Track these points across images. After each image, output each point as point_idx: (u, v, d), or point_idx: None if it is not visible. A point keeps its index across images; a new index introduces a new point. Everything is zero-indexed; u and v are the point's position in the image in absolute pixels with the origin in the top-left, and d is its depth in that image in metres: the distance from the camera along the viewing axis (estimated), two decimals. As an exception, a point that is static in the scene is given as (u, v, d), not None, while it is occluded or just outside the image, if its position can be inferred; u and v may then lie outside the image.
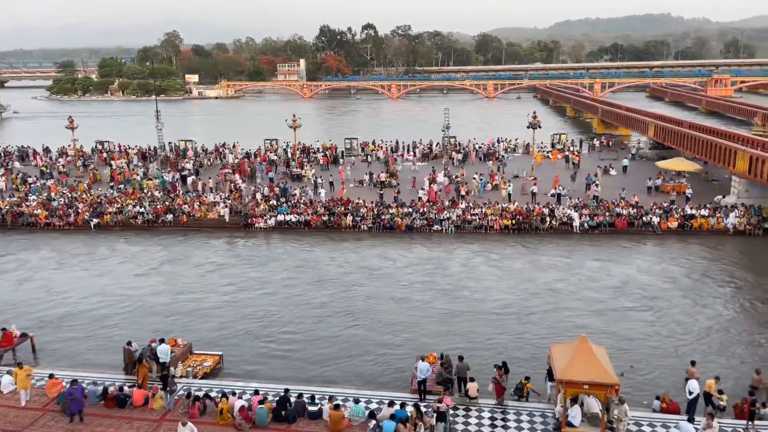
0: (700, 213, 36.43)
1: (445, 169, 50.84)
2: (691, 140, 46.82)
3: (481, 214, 37.68)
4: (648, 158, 55.99)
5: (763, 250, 32.86)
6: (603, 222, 36.22)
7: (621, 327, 23.29)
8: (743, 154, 37.84)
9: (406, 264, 31.14)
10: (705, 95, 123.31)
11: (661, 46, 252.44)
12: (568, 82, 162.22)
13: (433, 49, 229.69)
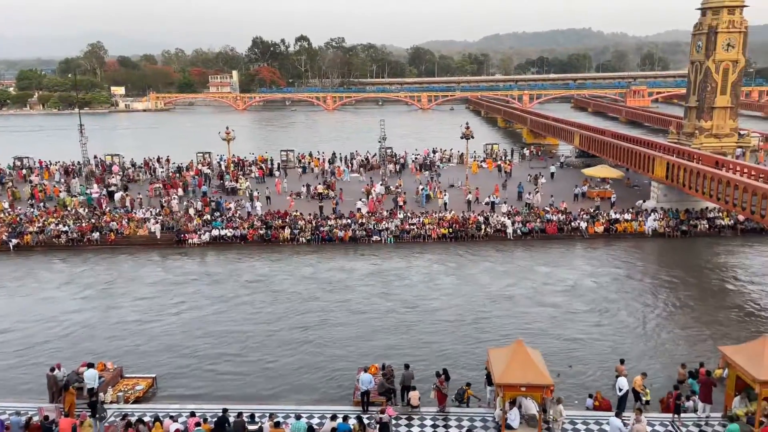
0: (623, 217, 38.38)
1: (382, 180, 51.20)
2: (613, 148, 49.32)
3: (419, 224, 38.16)
4: (575, 166, 58.53)
5: (682, 251, 34.94)
6: (535, 228, 37.50)
7: (564, 329, 24.05)
8: (661, 161, 40.23)
9: (354, 275, 31.04)
10: (625, 106, 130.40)
11: (583, 59, 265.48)
12: (498, 93, 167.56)
13: (367, 61, 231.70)
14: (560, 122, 71.53)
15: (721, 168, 36.03)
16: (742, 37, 44.76)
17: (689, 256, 34.07)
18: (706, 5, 45.66)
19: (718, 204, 34.28)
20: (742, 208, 30.81)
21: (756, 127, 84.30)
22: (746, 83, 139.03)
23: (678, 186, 38.13)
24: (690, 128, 48.24)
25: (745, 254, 33.73)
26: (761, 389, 15.17)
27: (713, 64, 45.28)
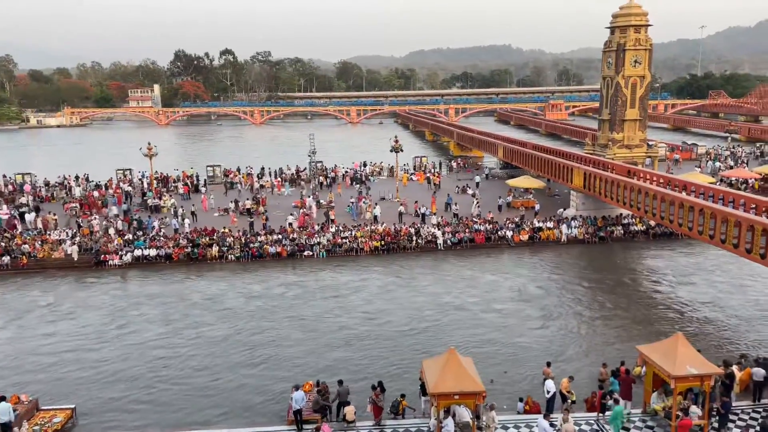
0: (546, 225, 40.00)
1: (313, 194, 50.87)
2: (535, 160, 51.43)
3: (351, 237, 38.15)
4: (499, 177, 60.53)
5: (601, 256, 36.80)
6: (464, 238, 38.39)
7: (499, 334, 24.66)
8: (579, 171, 42.33)
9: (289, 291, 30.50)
10: (544, 119, 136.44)
11: (504, 74, 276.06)
12: (425, 107, 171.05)
13: (295, 75, 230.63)
14: (485, 135, 73.88)
15: (633, 177, 38.35)
16: (647, 54, 48.06)
17: (607, 260, 35.93)
18: (614, 24, 48.73)
19: (631, 211, 36.38)
20: (653, 214, 32.86)
21: (663, 137, 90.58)
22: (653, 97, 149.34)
23: (595, 194, 40.20)
24: (604, 140, 51.10)
25: (657, 257, 35.95)
26: (676, 384, 16.14)
27: (623, 79, 48.31)
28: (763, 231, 23.22)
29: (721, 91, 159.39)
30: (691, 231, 28.68)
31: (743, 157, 66.58)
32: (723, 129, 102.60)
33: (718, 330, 24.92)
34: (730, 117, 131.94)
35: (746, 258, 25.14)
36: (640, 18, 47.60)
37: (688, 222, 28.90)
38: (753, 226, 23.81)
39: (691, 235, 29.96)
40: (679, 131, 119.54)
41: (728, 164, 61.84)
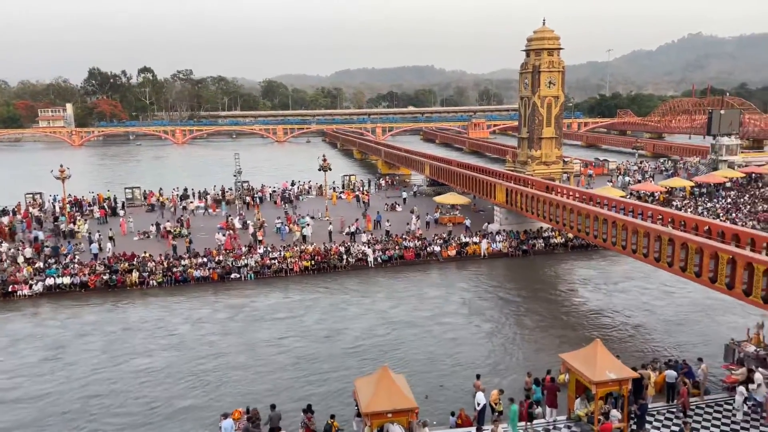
0: (472, 240, 41.07)
1: (240, 215, 49.75)
2: (460, 177, 52.87)
3: (281, 258, 37.56)
4: (427, 194, 61.68)
5: (524, 268, 38.17)
6: (394, 255, 38.72)
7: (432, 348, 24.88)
8: (501, 187, 43.88)
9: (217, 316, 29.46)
10: (468, 137, 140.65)
11: (429, 94, 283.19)
12: (353, 126, 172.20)
13: (218, 94, 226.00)
14: (412, 153, 75.19)
15: (551, 192, 40.20)
16: (560, 75, 50.86)
17: (531, 272, 37.31)
18: (529, 48, 51.28)
19: (551, 224, 38.06)
20: (571, 227, 34.54)
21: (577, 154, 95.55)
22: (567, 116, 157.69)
23: (516, 209, 41.78)
24: (523, 157, 53.36)
25: (577, 268, 37.76)
26: (597, 390, 16.90)
27: (539, 99, 50.80)
28: (669, 240, 24.92)
29: (628, 110, 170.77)
30: (606, 242, 30.35)
31: (650, 172, 71.35)
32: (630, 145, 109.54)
33: (634, 334, 26.39)
34: (636, 134, 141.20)
35: (655, 266, 26.86)
36: (552, 42, 50.39)
37: (602, 234, 30.57)
38: (660, 236, 25.52)
39: (605, 246, 31.68)
40: (591, 148, 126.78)
41: (636, 178, 66.01)
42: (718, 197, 53.75)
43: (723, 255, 21.37)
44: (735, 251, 21.25)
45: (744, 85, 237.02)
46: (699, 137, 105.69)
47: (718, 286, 21.92)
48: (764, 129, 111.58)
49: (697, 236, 24.60)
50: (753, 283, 20.02)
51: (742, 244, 23.35)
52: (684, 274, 23.99)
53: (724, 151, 64.93)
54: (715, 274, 22.06)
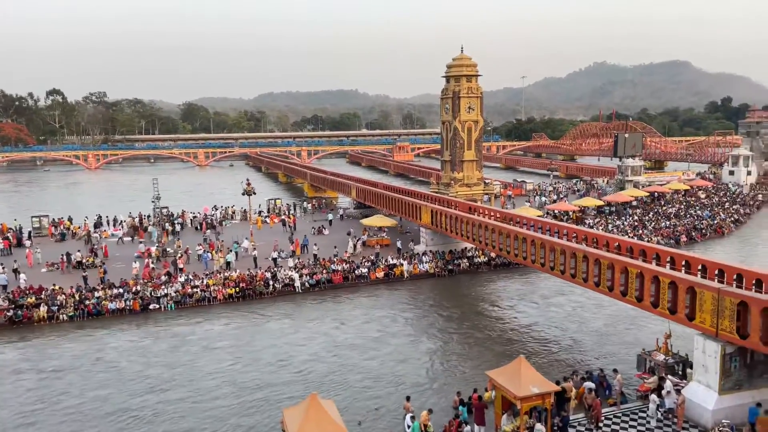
0: (400, 261, 41.44)
1: (159, 242, 47.74)
2: (386, 199, 53.44)
3: (203, 286, 36.26)
4: (354, 217, 61.85)
5: (451, 288, 38.83)
6: (322, 279, 38.36)
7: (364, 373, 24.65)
8: (426, 209, 44.72)
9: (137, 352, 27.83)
10: (393, 160, 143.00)
11: (354, 117, 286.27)
12: (278, 149, 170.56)
13: (135, 117, 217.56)
14: (338, 176, 75.34)
15: (474, 213, 41.42)
16: (479, 101, 52.92)
17: (458, 291, 38.06)
18: (449, 74, 53.10)
19: (474, 244, 39.11)
20: (493, 247, 35.62)
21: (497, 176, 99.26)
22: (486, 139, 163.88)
23: (442, 230, 42.66)
24: (447, 179, 54.79)
25: (500, 286, 38.93)
26: (521, 405, 17.38)
27: (459, 123, 52.53)
28: (583, 257, 26.23)
29: (542, 133, 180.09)
30: (526, 260, 31.51)
31: (564, 192, 75.20)
32: (546, 167, 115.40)
33: (561, 348, 27.41)
34: (550, 156, 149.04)
35: (571, 282, 28.13)
36: (470, 69, 52.45)
37: (522, 252, 31.73)
38: (575, 253, 26.84)
39: (526, 264, 32.88)
40: (510, 170, 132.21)
41: (552, 198, 69.38)
42: (626, 215, 57.37)
43: (632, 269, 22.72)
44: (642, 266, 22.66)
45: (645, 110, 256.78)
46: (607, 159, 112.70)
47: (628, 299, 23.22)
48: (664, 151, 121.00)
49: (608, 252, 26.06)
50: (659, 296, 21.39)
51: (648, 259, 24.96)
52: (598, 288, 25.26)
53: (629, 172, 69.59)
54: (626, 287, 23.39)
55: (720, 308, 18.47)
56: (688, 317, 20.03)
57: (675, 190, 67.52)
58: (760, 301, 17.50)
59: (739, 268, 21.24)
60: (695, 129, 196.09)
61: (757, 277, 20.05)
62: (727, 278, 20.99)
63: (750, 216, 62.40)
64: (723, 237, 52.65)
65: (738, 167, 78.33)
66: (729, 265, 21.71)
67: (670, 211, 59.12)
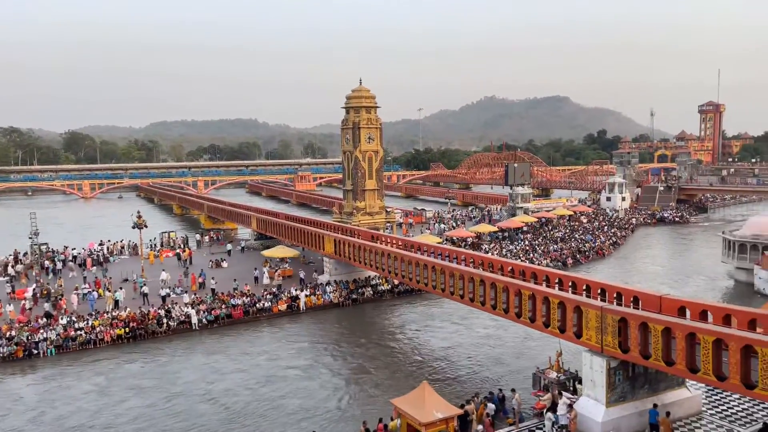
0: (304, 293, 40.85)
1: (37, 282, 43.78)
2: (288, 230, 52.78)
3: (88, 327, 33.58)
4: (255, 248, 60.37)
5: (357, 317, 38.81)
6: (221, 314, 36.90)
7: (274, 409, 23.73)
8: (329, 238, 44.66)
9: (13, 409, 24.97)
10: (294, 190, 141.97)
11: (253, 147, 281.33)
12: (172, 180, 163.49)
13: (10, 147, 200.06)
14: (237, 207, 73.44)
15: (376, 241, 41.94)
16: (378, 131, 54.20)
17: (363, 320, 38.13)
18: (349, 105, 54.06)
19: (378, 272, 39.52)
20: (396, 274, 36.18)
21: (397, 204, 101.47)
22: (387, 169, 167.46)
23: (345, 259, 42.72)
24: (349, 208, 55.22)
25: (405, 312, 39.48)
26: (426, 431, 17.58)
27: (360, 153, 53.39)
28: (480, 281, 27.30)
29: (439, 163, 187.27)
30: (427, 286, 32.27)
31: (461, 219, 78.25)
32: (443, 195, 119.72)
33: (459, 372, 28.11)
34: (448, 185, 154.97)
35: (470, 306, 29.13)
36: (369, 100, 53.76)
37: (424, 279, 32.48)
38: (472, 278, 27.88)
39: (428, 290, 33.66)
40: (410, 198, 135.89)
41: (451, 225, 71.87)
42: (518, 240, 60.69)
43: (525, 292, 23.97)
44: (534, 288, 23.98)
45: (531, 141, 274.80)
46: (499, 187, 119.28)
47: (522, 320, 24.42)
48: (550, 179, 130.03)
49: (503, 276, 27.35)
50: (550, 315, 22.70)
51: (539, 281, 26.48)
52: (495, 311, 26.34)
53: (519, 199, 73.97)
54: (520, 309, 24.60)
55: (603, 325, 19.90)
56: (576, 335, 21.38)
57: (560, 215, 72.69)
58: (637, 316, 19.08)
59: (618, 287, 23.08)
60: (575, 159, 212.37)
61: (635, 295, 21.87)
62: (609, 297, 22.72)
63: (626, 238, 68.30)
64: (604, 258, 57.12)
65: (614, 194, 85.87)
66: (610, 285, 23.53)
67: (557, 235, 63.28)
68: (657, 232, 75.03)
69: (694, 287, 45.25)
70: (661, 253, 61.29)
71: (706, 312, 19.19)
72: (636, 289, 22.38)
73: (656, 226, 79.82)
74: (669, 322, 18.05)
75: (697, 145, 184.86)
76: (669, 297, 20.70)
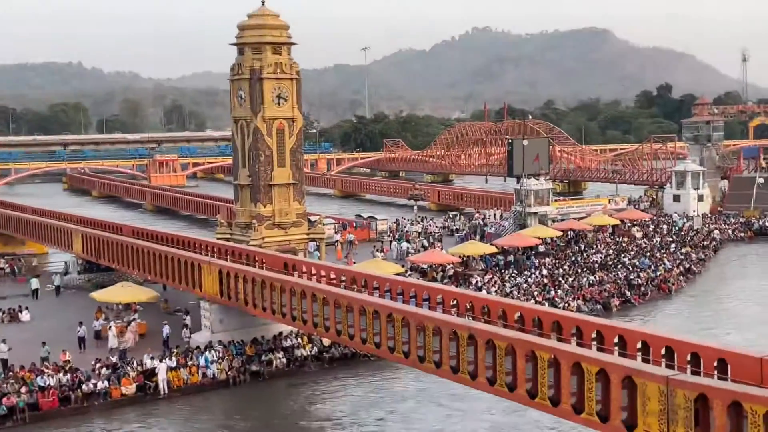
0: (166, 364, 40.11)
1: None
2: (139, 255, 51.89)
3: None
4: (79, 288, 59.03)
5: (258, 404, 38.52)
6: (19, 404, 35.93)
7: None
8: (211, 269, 44.14)
9: None
10: (150, 185, 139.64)
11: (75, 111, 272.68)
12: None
13: None
14: (47, 216, 71.95)
15: (293, 272, 41.76)
16: (295, 85, 54.11)
17: (267, 409, 37.99)
18: (243, 40, 53.73)
19: (295, 326, 39.28)
20: (326, 328, 36.04)
21: (329, 209, 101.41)
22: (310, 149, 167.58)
23: (239, 305, 42.30)
24: (245, 216, 54.81)
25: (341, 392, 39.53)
26: None
27: (263, 123, 53.09)
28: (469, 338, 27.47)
29: (398, 140, 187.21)
30: (379, 348, 32.28)
31: (436, 234, 78.66)
32: (406, 194, 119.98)
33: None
34: (413, 176, 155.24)
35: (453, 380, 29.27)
36: (279, 32, 53.69)
37: (373, 335, 32.46)
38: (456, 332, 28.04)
39: (380, 354, 33.68)
40: (350, 199, 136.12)
41: (418, 244, 72.13)
42: (530, 267, 61.57)
43: (542, 354, 24.30)
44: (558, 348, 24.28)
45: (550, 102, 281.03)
46: (499, 179, 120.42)
47: (539, 402, 24.71)
48: (581, 166, 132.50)
49: (505, 330, 27.64)
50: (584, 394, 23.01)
51: (565, 336, 26.93)
52: (493, 388, 26.58)
53: (532, 200, 74.95)
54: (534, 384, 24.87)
55: (671, 407, 20.33)
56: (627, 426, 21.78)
57: (599, 225, 74.17)
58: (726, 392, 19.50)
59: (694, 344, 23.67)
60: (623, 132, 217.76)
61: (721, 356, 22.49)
62: (679, 359, 23.30)
63: (706, 263, 70.33)
64: (670, 296, 58.76)
65: (685, 190, 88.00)
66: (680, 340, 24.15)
67: (594, 259, 64.63)
68: (755, 253, 77.56)
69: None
70: (764, 286, 63.43)
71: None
72: (723, 347, 23.03)
73: (754, 242, 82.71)
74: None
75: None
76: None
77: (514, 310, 29.98)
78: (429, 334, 29.06)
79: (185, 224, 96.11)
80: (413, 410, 36.73)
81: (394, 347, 31.19)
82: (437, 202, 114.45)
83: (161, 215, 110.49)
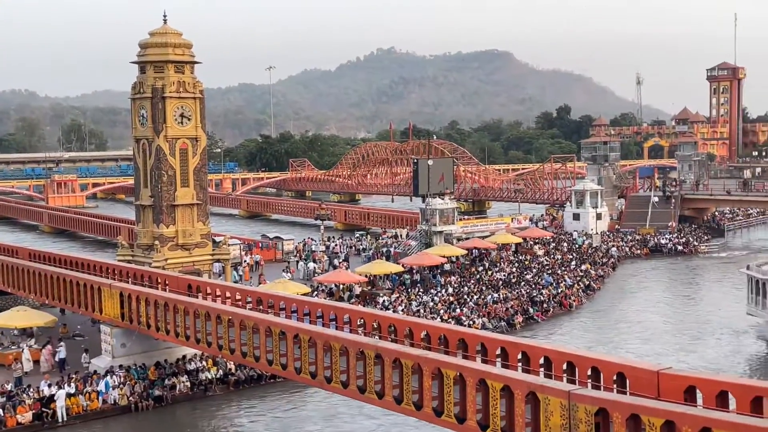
0: (65, 390, 38.99)
1: None
2: (34, 278, 50.47)
3: None
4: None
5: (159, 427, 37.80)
6: None
7: None
8: (112, 292, 43.16)
9: None
10: (47, 207, 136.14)
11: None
12: None
13: None
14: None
15: (197, 294, 41.20)
16: (198, 104, 53.61)
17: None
18: (145, 58, 52.99)
19: (199, 348, 38.73)
20: (231, 350, 35.66)
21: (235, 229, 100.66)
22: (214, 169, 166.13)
23: (140, 328, 41.48)
24: (148, 238, 53.92)
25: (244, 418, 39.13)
26: None
27: (166, 142, 52.43)
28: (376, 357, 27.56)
29: (304, 159, 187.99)
30: (286, 369, 32.10)
31: (343, 254, 78.87)
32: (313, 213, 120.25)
33: None
34: (319, 196, 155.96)
35: (361, 400, 29.33)
36: (182, 50, 53.21)
37: (279, 356, 32.29)
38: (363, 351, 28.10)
39: (286, 375, 33.48)
40: (256, 219, 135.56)
41: (326, 264, 72.18)
42: (437, 286, 62.26)
43: (448, 372, 24.53)
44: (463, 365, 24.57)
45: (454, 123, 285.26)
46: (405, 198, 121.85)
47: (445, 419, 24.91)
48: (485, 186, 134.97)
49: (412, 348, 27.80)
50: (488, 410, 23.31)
51: (470, 353, 27.23)
52: (400, 407, 26.68)
53: (438, 219, 75.90)
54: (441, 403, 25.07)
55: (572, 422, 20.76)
56: (532, 440, 22.15)
57: (502, 244, 75.53)
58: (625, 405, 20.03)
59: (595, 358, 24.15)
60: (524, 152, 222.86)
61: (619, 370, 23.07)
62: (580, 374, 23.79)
63: (604, 279, 72.45)
64: (570, 312, 60.21)
65: (584, 208, 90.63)
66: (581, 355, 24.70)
67: (498, 276, 65.77)
68: (651, 268, 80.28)
69: (709, 353, 48.76)
70: (659, 301, 65.72)
71: (727, 393, 20.61)
72: (622, 361, 23.67)
73: (649, 259, 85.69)
74: (674, 413, 19.08)
75: (706, 130, 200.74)
76: (671, 372, 22.02)
77: (421, 329, 30.18)
78: (336, 354, 29.04)
79: (84, 246, 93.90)
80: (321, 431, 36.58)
81: (300, 368, 31.09)
82: (344, 221, 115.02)
83: (59, 237, 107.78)
